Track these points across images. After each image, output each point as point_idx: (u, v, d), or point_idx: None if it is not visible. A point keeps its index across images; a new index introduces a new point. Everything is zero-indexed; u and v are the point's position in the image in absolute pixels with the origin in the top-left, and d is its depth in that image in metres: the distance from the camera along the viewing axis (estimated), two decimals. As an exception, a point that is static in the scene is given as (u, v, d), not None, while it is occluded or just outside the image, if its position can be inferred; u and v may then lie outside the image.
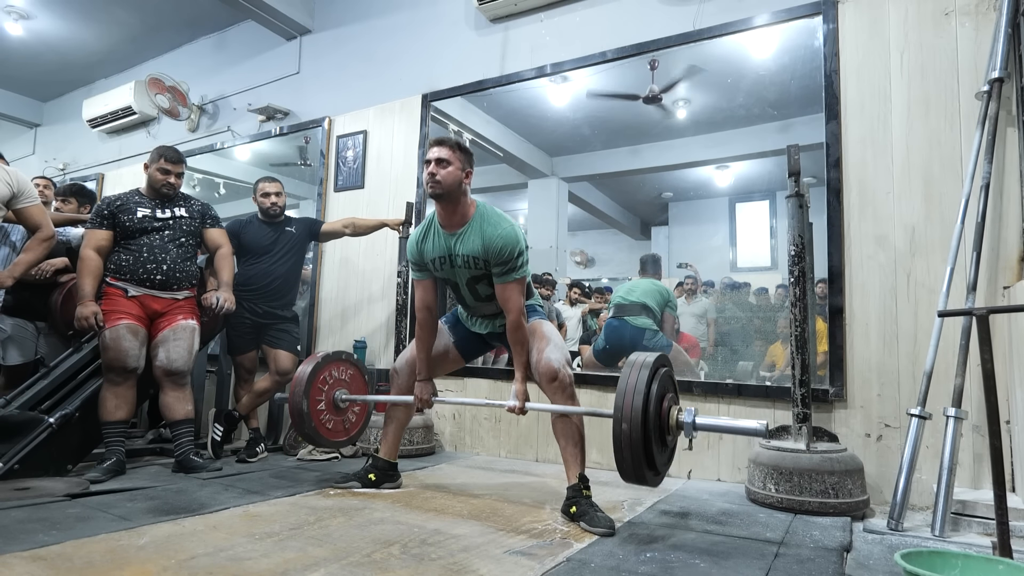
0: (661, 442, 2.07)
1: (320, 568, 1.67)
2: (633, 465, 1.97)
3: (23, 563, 1.64)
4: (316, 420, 2.81)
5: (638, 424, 1.96)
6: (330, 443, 2.88)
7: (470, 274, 2.46)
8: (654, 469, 2.05)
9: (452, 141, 2.43)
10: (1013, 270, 2.55)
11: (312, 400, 2.83)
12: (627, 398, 1.99)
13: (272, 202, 3.68)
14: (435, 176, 2.35)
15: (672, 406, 2.10)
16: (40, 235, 3.01)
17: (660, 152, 4.94)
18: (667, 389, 2.14)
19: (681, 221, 5.49)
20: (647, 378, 2.02)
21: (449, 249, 2.45)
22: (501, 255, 2.34)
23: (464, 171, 2.41)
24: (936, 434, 2.45)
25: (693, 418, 2.04)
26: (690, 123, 4.52)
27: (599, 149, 5.28)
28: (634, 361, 2.10)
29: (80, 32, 5.95)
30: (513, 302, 2.37)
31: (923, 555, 1.52)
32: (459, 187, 2.39)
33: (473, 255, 2.39)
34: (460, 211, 2.42)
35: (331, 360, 2.95)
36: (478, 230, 2.39)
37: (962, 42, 2.75)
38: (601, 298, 5.12)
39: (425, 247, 2.51)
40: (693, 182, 5.34)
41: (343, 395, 2.95)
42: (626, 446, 1.97)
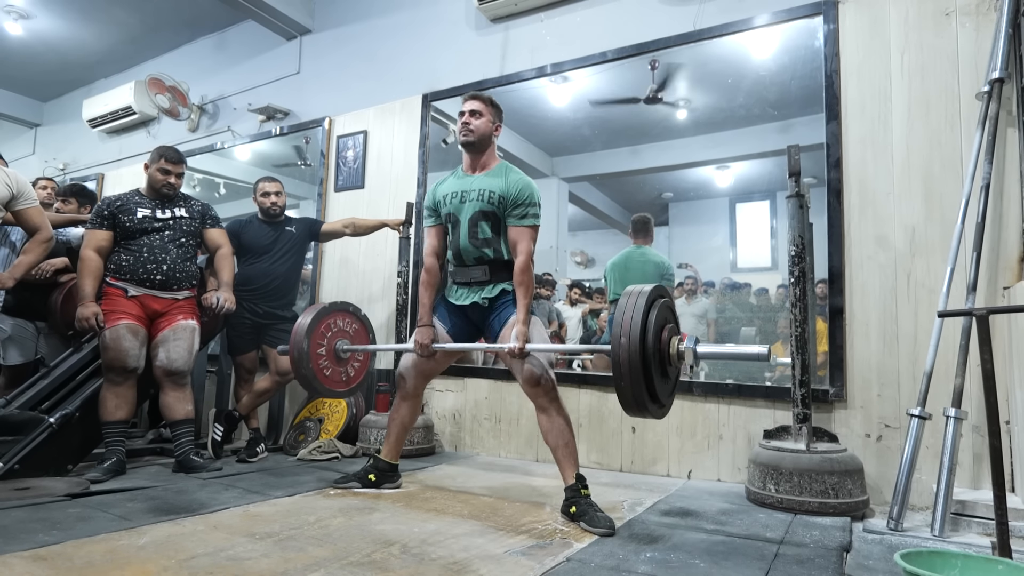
0: (662, 372, 2.01)
1: (320, 568, 1.67)
2: (634, 395, 1.90)
3: (23, 563, 1.64)
4: (315, 365, 2.80)
5: (636, 352, 1.88)
6: (327, 390, 2.86)
7: (479, 207, 2.51)
8: (657, 401, 1.98)
9: (485, 96, 2.60)
10: (1013, 271, 2.56)
11: (313, 344, 2.82)
12: (624, 329, 1.91)
13: (272, 202, 3.69)
14: (468, 125, 2.53)
15: (672, 336, 2.02)
16: (39, 237, 3.01)
17: (660, 152, 4.93)
18: (666, 319, 2.06)
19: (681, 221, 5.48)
20: (644, 306, 1.94)
21: (467, 184, 2.56)
22: (521, 195, 2.47)
23: (494, 124, 2.59)
24: (936, 434, 2.45)
25: (695, 345, 1.98)
26: (690, 123, 4.52)
27: (599, 149, 5.27)
28: (631, 291, 2.02)
29: (80, 32, 5.95)
30: (524, 245, 2.46)
31: (923, 555, 1.52)
32: (489, 137, 2.58)
33: (491, 189, 2.50)
34: (486, 159, 2.59)
35: (337, 309, 2.95)
36: (502, 173, 2.54)
37: (962, 42, 2.75)
38: (601, 298, 5.11)
39: (442, 187, 2.65)
40: (693, 182, 5.34)
41: (345, 345, 2.95)
42: (625, 375, 1.89)
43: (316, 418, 3.92)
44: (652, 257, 4.20)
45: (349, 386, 3.00)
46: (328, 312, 2.90)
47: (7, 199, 2.90)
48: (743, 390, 3.08)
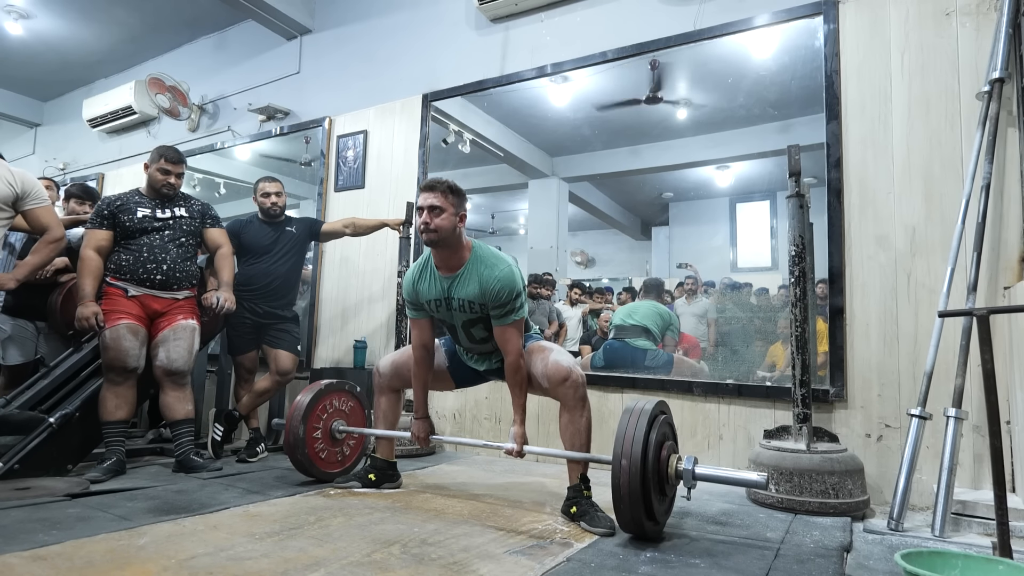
0: (660, 492, 2.05)
1: (320, 568, 1.67)
2: (632, 515, 1.94)
3: (23, 563, 1.64)
4: (311, 450, 2.77)
5: (637, 474, 1.92)
6: (323, 473, 2.82)
7: (466, 317, 2.43)
8: (653, 519, 2.01)
9: (443, 185, 2.37)
10: (1013, 270, 2.55)
11: (309, 428, 2.78)
12: (625, 447, 1.95)
13: (272, 202, 3.69)
14: (429, 225, 2.32)
15: (671, 454, 2.07)
16: (47, 236, 2.94)
17: (660, 152, 4.93)
18: (665, 437, 2.11)
19: (681, 221, 5.48)
20: (646, 426, 1.98)
21: (446, 292, 2.42)
22: (499, 298, 2.31)
23: (458, 214, 2.37)
24: (936, 434, 2.45)
25: (693, 467, 2.01)
26: (690, 123, 4.52)
27: (599, 149, 5.28)
28: (632, 408, 2.06)
29: (80, 32, 5.95)
30: (512, 344, 2.35)
31: (923, 555, 1.52)
32: (454, 233, 2.35)
33: (469, 299, 2.37)
34: (456, 255, 2.39)
35: (334, 389, 2.92)
36: (474, 273, 2.36)
37: (963, 42, 2.75)
38: (601, 298, 5.11)
39: (421, 288, 2.48)
40: (693, 182, 5.34)
41: (341, 426, 2.91)
42: (625, 496, 1.93)
43: (316, 418, 3.91)
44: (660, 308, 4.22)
45: (344, 466, 2.96)
46: (325, 393, 2.87)
47: (11, 199, 2.84)
48: (743, 390, 3.08)
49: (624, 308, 4.34)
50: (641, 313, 4.06)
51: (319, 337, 4.56)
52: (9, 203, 2.84)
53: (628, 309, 4.24)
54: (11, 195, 2.84)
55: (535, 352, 2.43)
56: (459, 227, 2.38)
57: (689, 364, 3.94)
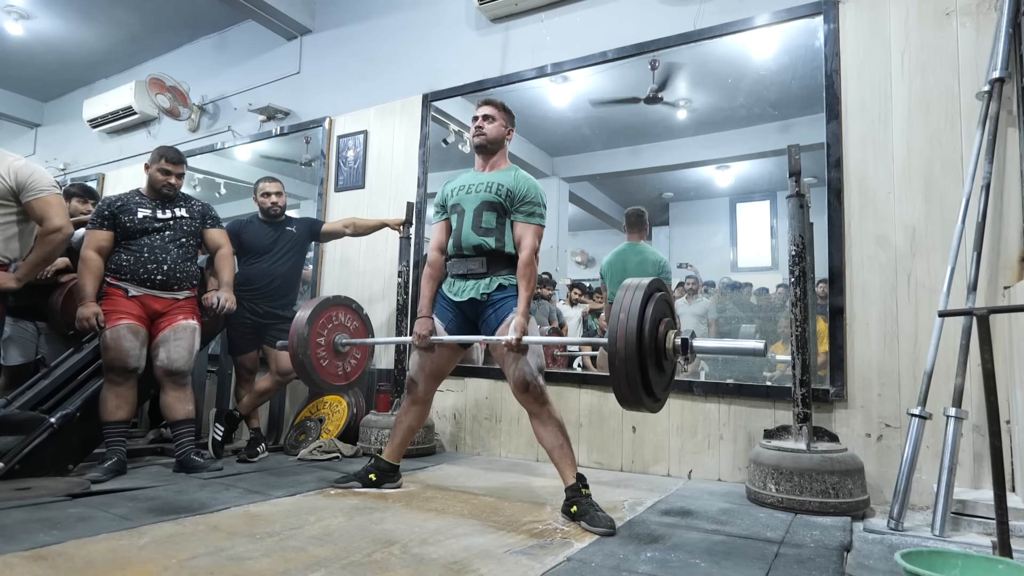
0: (658, 366, 2.01)
1: (321, 568, 1.67)
2: (630, 390, 1.91)
3: (24, 563, 1.64)
4: (313, 353, 2.80)
5: (633, 347, 1.88)
6: (322, 380, 2.85)
7: (484, 198, 2.53)
8: (652, 395, 1.98)
9: (498, 102, 2.65)
10: (1013, 270, 2.56)
11: (313, 333, 2.83)
12: (621, 321, 1.92)
13: (272, 202, 3.69)
14: (482, 128, 2.60)
15: (669, 330, 2.03)
16: (43, 228, 2.84)
17: (660, 152, 4.94)
18: (663, 313, 2.06)
19: (682, 221, 5.49)
20: (641, 301, 1.95)
21: (476, 179, 2.61)
22: (529, 194, 2.52)
23: (507, 128, 2.65)
24: (936, 434, 2.45)
25: (691, 339, 1.98)
26: (691, 123, 4.52)
27: (599, 149, 5.28)
28: (628, 284, 2.02)
29: (80, 32, 5.95)
30: (528, 240, 2.48)
31: (923, 555, 1.52)
32: (501, 141, 2.63)
33: (500, 182, 2.54)
34: (496, 161, 2.64)
35: (340, 303, 2.96)
36: (512, 172, 2.59)
37: (963, 42, 2.75)
38: (601, 298, 5.11)
39: (451, 182, 2.70)
40: (694, 182, 5.34)
41: (344, 339, 2.96)
42: (621, 370, 1.89)
43: (317, 418, 3.92)
44: (649, 255, 4.17)
45: (345, 380, 2.99)
46: (330, 304, 2.91)
47: (6, 193, 2.77)
48: (743, 390, 3.08)
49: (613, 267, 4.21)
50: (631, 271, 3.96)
51: (319, 337, 4.56)
52: (7, 198, 2.80)
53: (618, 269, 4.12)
54: (5, 189, 2.77)
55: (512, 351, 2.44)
56: (506, 139, 2.66)
57: None
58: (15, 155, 2.90)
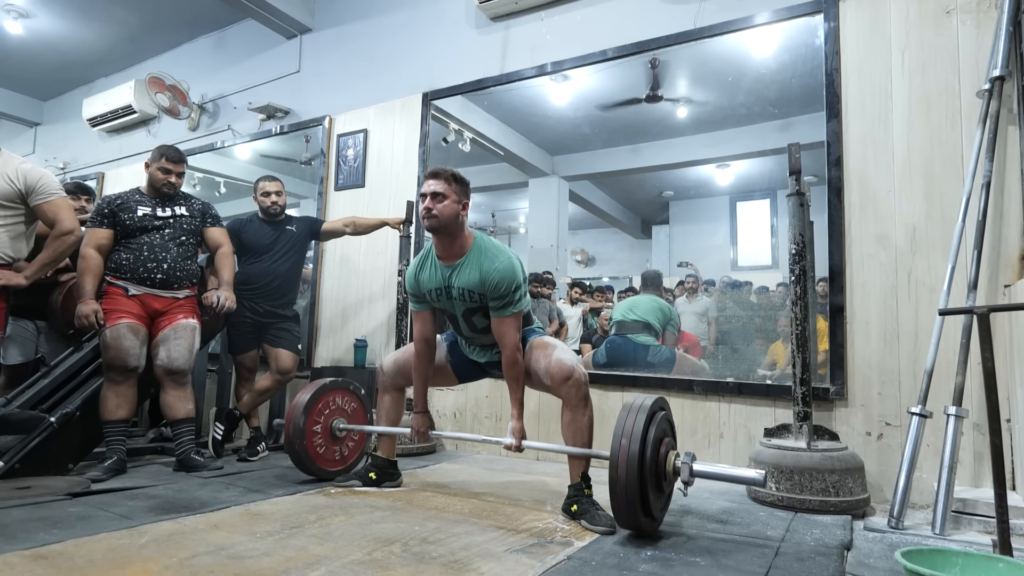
0: (657, 488, 2.04)
1: (321, 566, 1.67)
2: (629, 512, 1.94)
3: (24, 562, 1.64)
4: (309, 443, 2.76)
5: (634, 470, 1.92)
6: (321, 471, 2.81)
7: (466, 307, 2.43)
8: (650, 516, 2.01)
9: (447, 173, 2.38)
10: (1014, 268, 2.55)
11: (309, 421, 2.78)
12: (623, 443, 1.95)
13: (272, 201, 3.68)
14: (431, 210, 2.32)
15: (669, 451, 2.07)
16: (55, 230, 2.87)
17: (661, 151, 4.94)
18: (664, 433, 2.11)
19: (682, 220, 5.49)
20: (644, 422, 1.98)
21: (446, 280, 2.42)
22: (498, 289, 2.31)
23: (460, 203, 2.37)
24: (937, 432, 2.45)
25: (691, 464, 2.01)
26: (691, 122, 4.52)
27: (600, 148, 5.28)
28: (631, 404, 2.06)
29: (80, 31, 5.95)
30: (509, 337, 2.34)
31: (924, 553, 1.52)
32: (456, 220, 2.36)
33: (469, 288, 2.37)
34: (458, 243, 2.39)
35: (338, 387, 2.92)
36: (476, 263, 2.36)
37: (963, 40, 2.75)
38: (602, 297, 5.11)
39: (422, 278, 2.49)
40: (694, 181, 5.35)
41: (341, 424, 2.90)
42: (622, 492, 1.93)
43: (317, 417, 3.91)
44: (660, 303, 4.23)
45: (341, 465, 2.94)
46: (328, 389, 2.86)
47: (14, 196, 2.79)
48: (744, 388, 3.08)
49: (624, 303, 4.34)
50: (642, 308, 4.05)
51: (319, 336, 4.56)
52: (15, 200, 2.81)
53: (628, 304, 4.24)
54: (13, 192, 2.79)
55: (537, 348, 2.42)
56: (461, 215, 2.38)
57: (691, 361, 3.94)
58: (20, 157, 2.91)
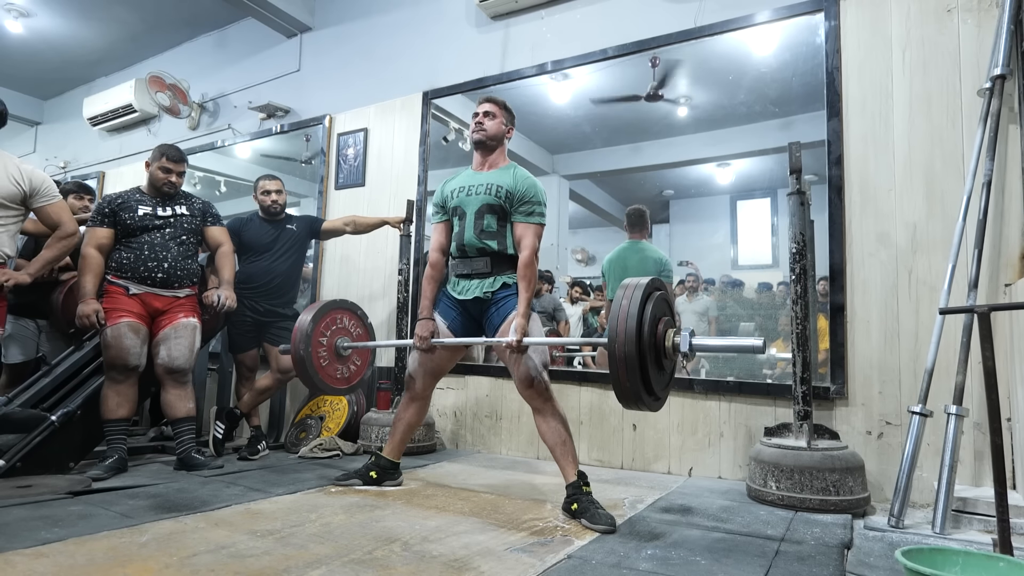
0: (658, 365, 2.01)
1: (322, 565, 1.67)
2: (630, 388, 1.92)
3: (25, 560, 1.64)
4: (314, 351, 2.81)
5: (633, 346, 1.89)
6: (321, 381, 2.84)
7: (485, 200, 2.53)
8: (653, 394, 1.99)
9: (499, 99, 2.66)
10: (1015, 267, 2.55)
11: (316, 333, 2.84)
12: (620, 321, 1.92)
13: (272, 200, 3.68)
14: (482, 124, 2.59)
15: (668, 329, 2.04)
16: (59, 232, 2.93)
17: (661, 150, 4.93)
18: (662, 312, 2.07)
19: (682, 219, 5.48)
20: (640, 300, 1.95)
21: (475, 180, 2.60)
22: (528, 193, 2.50)
23: (507, 127, 2.65)
24: (937, 431, 2.45)
25: (690, 338, 1.99)
26: (691, 120, 4.51)
27: (600, 147, 5.27)
28: (627, 284, 2.03)
29: (80, 30, 5.95)
30: (528, 240, 2.48)
31: (924, 552, 1.52)
32: (500, 138, 2.63)
33: (498, 184, 2.53)
34: (495, 159, 2.63)
35: (345, 308, 2.98)
36: (510, 171, 2.57)
37: (964, 39, 2.74)
38: (601, 295, 5.11)
39: (451, 182, 2.70)
40: (694, 180, 5.33)
41: (346, 342, 2.97)
42: (622, 370, 1.90)
43: (317, 416, 3.92)
44: (650, 253, 4.17)
45: (345, 384, 2.98)
46: (336, 307, 2.93)
47: (19, 197, 2.82)
48: (744, 387, 3.08)
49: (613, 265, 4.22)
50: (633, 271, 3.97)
51: (320, 335, 4.56)
52: (17, 201, 2.82)
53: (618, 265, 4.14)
54: (18, 193, 2.82)
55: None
56: (506, 137, 2.65)
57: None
58: (15, 156, 2.93)
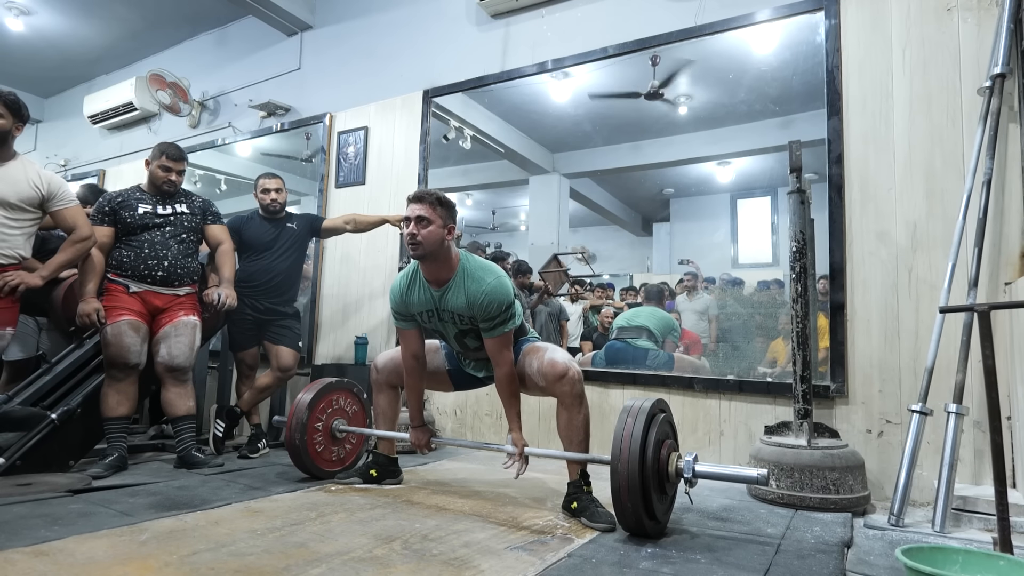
0: (660, 490, 2.04)
1: (322, 564, 1.68)
2: (633, 515, 1.94)
3: (25, 558, 1.64)
4: (309, 439, 2.77)
5: (636, 473, 1.91)
6: (316, 468, 2.81)
7: (457, 329, 2.41)
8: (654, 518, 2.00)
9: (432, 197, 2.30)
10: (1014, 266, 2.55)
11: (312, 420, 2.80)
12: (624, 445, 1.95)
13: (272, 199, 3.68)
14: (416, 237, 2.25)
15: (671, 452, 2.07)
16: (74, 236, 2.91)
17: (661, 148, 4.92)
18: (665, 435, 2.10)
19: (682, 217, 5.47)
20: (644, 425, 1.98)
21: (435, 303, 2.38)
22: (488, 311, 2.27)
23: (446, 227, 2.30)
24: (937, 430, 2.46)
25: (693, 466, 2.00)
26: (691, 119, 4.51)
27: (600, 145, 5.27)
28: (630, 407, 2.06)
29: (81, 28, 5.95)
30: (503, 356, 2.32)
31: (924, 551, 1.52)
32: (441, 245, 2.29)
33: (459, 312, 2.33)
34: (445, 268, 2.34)
35: (342, 388, 2.94)
36: (461, 287, 2.32)
37: (964, 38, 2.74)
38: (603, 293, 5.11)
39: (411, 299, 2.43)
40: (694, 178, 5.33)
41: (342, 425, 2.92)
42: (625, 496, 1.93)
43: (317, 414, 3.92)
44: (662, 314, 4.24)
45: (339, 467, 2.94)
46: (332, 389, 2.88)
47: (37, 200, 2.83)
48: (744, 386, 3.08)
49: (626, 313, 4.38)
50: (643, 316, 4.10)
51: (320, 333, 4.56)
52: (35, 204, 2.83)
53: (630, 314, 4.27)
54: (36, 197, 2.83)
55: (529, 353, 2.42)
56: (447, 240, 2.31)
57: (690, 361, 3.95)
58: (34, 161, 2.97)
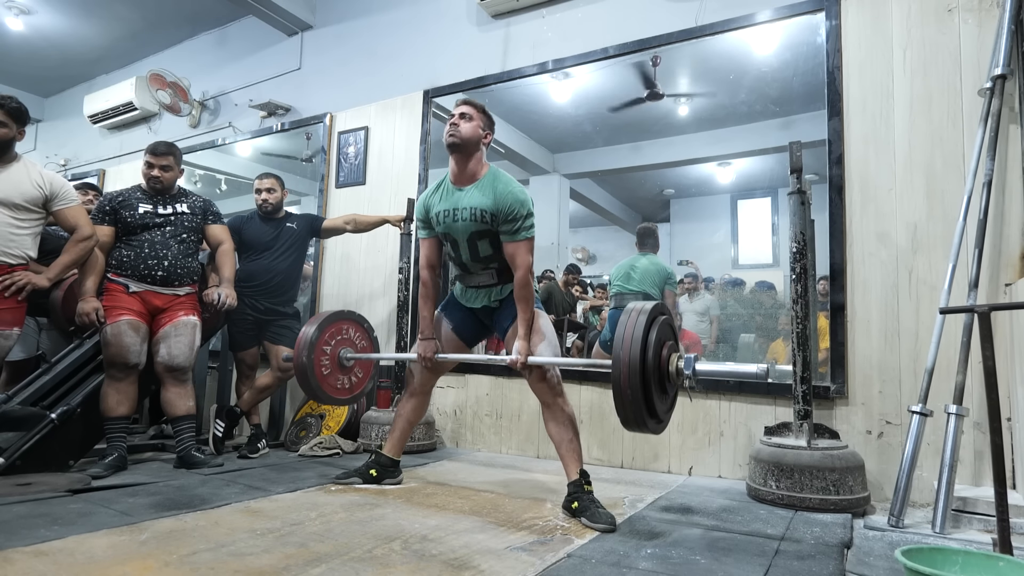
0: (661, 389, 2.04)
1: (321, 564, 1.67)
2: (634, 413, 1.94)
3: (25, 558, 1.64)
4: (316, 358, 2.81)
5: (637, 371, 1.92)
6: (320, 390, 2.84)
7: (473, 228, 2.44)
8: (656, 417, 2.01)
9: (478, 103, 2.51)
10: (1015, 267, 2.55)
11: (320, 341, 2.85)
12: (625, 346, 1.95)
13: (263, 199, 3.67)
14: (457, 126, 2.42)
15: (672, 353, 2.06)
16: (76, 235, 2.92)
17: (662, 149, 4.93)
18: (666, 336, 2.09)
19: (683, 218, 5.48)
20: (645, 325, 1.97)
21: (456, 202, 2.47)
22: (511, 211, 2.37)
23: (484, 132, 2.48)
24: (937, 431, 2.45)
25: (693, 364, 2.01)
26: (692, 120, 4.51)
27: (601, 146, 5.27)
28: (631, 309, 2.05)
29: (81, 27, 5.95)
30: (521, 259, 2.39)
31: (924, 552, 1.52)
32: (476, 142, 2.45)
33: (481, 208, 2.41)
34: (472, 167, 2.47)
35: (353, 320, 2.98)
36: (490, 186, 2.43)
37: (965, 38, 2.74)
38: (603, 294, 5.11)
39: (432, 201, 2.56)
40: (695, 179, 5.34)
41: (349, 353, 2.97)
42: (626, 394, 1.93)
43: (317, 414, 3.92)
44: (658, 264, 4.22)
45: (346, 395, 2.97)
46: (342, 317, 2.93)
47: (40, 200, 2.85)
48: (744, 386, 3.07)
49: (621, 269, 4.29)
50: (639, 275, 4.04)
51: (320, 333, 4.56)
52: (39, 204, 2.85)
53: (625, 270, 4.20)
54: (40, 197, 2.84)
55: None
56: (482, 143, 2.48)
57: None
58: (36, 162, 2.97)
